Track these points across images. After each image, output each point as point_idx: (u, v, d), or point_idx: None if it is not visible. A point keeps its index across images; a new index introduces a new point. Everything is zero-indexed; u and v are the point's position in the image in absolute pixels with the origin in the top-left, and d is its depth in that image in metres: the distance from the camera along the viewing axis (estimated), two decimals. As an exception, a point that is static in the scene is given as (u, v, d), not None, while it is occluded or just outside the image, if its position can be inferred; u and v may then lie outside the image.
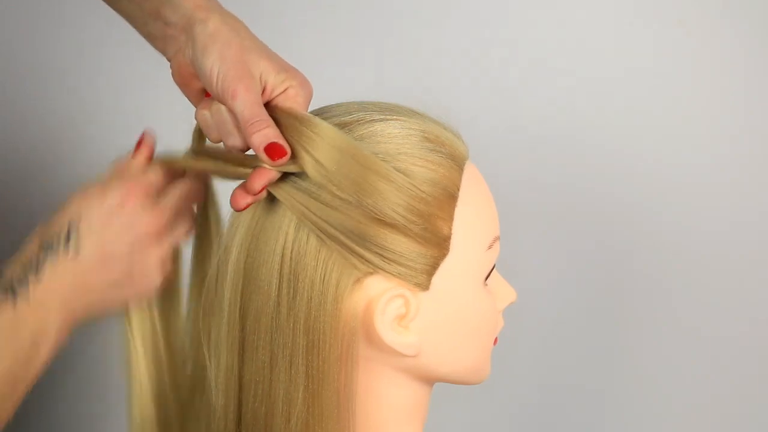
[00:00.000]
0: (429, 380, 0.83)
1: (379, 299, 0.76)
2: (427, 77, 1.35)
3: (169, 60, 0.82)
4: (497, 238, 0.81)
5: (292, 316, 0.76)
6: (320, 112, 0.80)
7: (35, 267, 0.77)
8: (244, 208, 0.76)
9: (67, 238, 0.78)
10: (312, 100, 0.80)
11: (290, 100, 0.77)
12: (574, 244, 1.40)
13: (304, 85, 0.79)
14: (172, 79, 0.82)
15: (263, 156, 0.74)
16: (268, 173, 0.75)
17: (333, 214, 0.75)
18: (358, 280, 0.76)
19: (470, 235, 0.78)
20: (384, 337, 0.77)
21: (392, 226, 0.75)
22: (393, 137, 0.77)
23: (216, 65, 0.76)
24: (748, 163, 1.37)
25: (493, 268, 0.82)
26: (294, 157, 0.75)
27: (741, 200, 1.37)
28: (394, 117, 0.78)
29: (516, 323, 0.98)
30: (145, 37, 0.83)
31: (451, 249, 0.77)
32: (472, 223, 0.79)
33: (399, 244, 0.75)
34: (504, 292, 0.85)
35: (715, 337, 1.40)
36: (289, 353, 0.76)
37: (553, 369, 1.43)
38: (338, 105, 0.81)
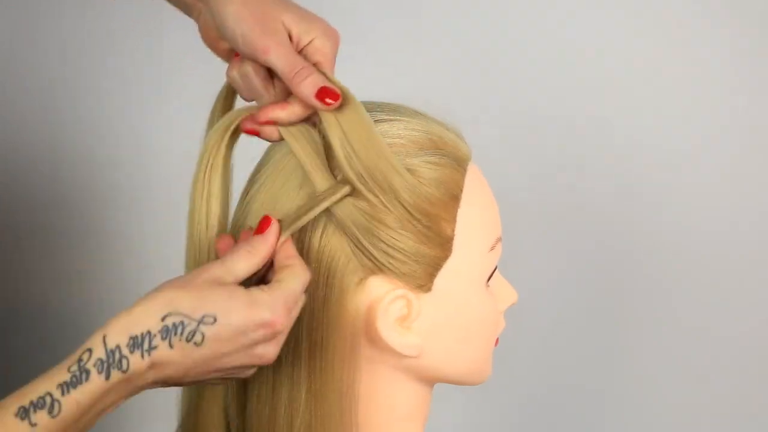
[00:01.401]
0: (430, 381, 0.83)
1: (382, 300, 0.76)
2: (427, 78, 1.35)
3: (196, 22, 0.80)
4: (499, 239, 0.81)
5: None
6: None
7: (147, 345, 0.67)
8: (248, 131, 0.76)
9: (193, 333, 0.67)
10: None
11: (318, 53, 0.75)
12: (574, 244, 1.40)
13: (329, 33, 0.77)
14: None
15: (317, 103, 0.73)
16: (275, 107, 0.75)
17: (344, 203, 0.74)
18: (360, 281, 0.76)
19: (473, 236, 0.78)
20: (386, 338, 0.77)
21: (397, 224, 0.75)
22: (397, 138, 0.77)
23: (238, 26, 0.74)
24: (748, 163, 1.37)
25: (495, 270, 0.82)
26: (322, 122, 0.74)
27: (741, 200, 1.37)
28: (399, 117, 0.78)
29: (516, 323, 0.98)
30: (172, 4, 0.82)
31: (453, 250, 0.77)
32: (475, 224, 0.78)
33: (402, 243, 0.75)
34: (505, 293, 0.85)
35: (715, 337, 1.40)
36: (291, 354, 0.76)
37: (553, 369, 1.43)
38: (342, 105, 0.81)
